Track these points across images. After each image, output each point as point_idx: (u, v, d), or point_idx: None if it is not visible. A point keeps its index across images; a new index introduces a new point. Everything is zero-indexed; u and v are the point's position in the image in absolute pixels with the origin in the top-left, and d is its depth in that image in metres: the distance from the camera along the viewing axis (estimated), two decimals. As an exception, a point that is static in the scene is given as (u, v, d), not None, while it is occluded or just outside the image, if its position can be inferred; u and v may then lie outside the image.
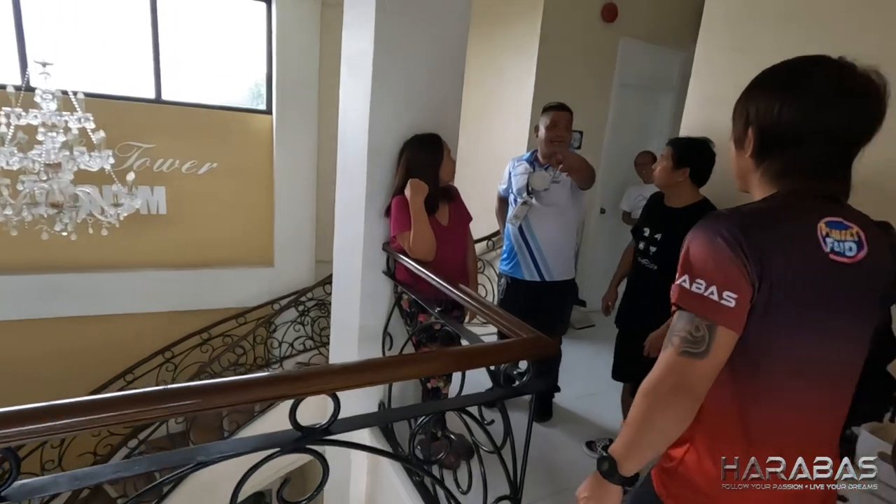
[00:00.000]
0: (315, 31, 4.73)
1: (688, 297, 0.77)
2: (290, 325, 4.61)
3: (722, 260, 0.74)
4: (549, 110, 2.27)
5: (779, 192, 0.82)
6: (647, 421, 0.79)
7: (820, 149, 0.78)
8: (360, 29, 2.00)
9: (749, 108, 0.83)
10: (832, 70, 0.76)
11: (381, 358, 0.94)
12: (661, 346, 0.86)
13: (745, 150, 0.85)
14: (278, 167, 4.87)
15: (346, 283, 2.34)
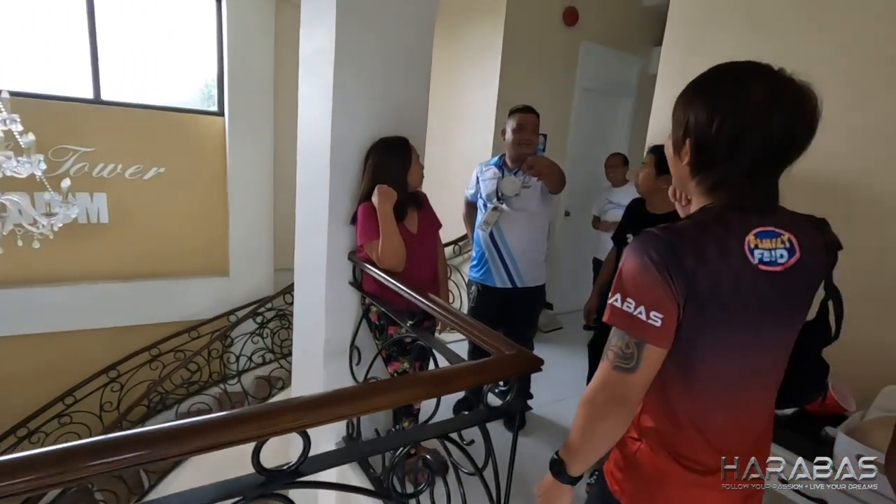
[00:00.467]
0: (269, 28, 4.53)
1: (618, 315, 0.79)
2: (248, 337, 4.39)
3: (649, 282, 0.76)
4: (516, 113, 2.23)
5: (712, 205, 0.82)
6: (588, 427, 0.84)
7: (754, 164, 0.78)
8: (319, 27, 1.88)
9: (688, 116, 0.81)
10: (771, 84, 0.76)
11: (355, 387, 0.85)
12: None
13: (682, 159, 0.84)
14: (232, 171, 4.63)
15: (308, 296, 2.21)
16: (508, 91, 3.55)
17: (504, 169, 2.29)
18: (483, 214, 2.31)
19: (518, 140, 2.19)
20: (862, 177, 1.60)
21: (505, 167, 2.30)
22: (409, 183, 1.79)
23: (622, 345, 0.79)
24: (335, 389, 0.86)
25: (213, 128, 4.62)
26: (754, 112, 0.74)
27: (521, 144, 2.19)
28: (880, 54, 1.56)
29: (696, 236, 0.77)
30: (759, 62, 0.78)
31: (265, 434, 0.77)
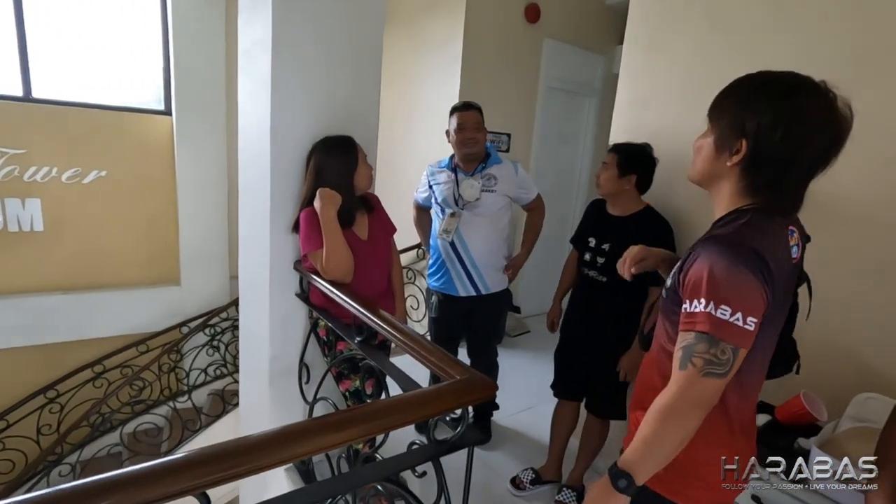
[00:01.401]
0: (219, 20, 4.26)
1: (714, 322, 0.79)
2: (201, 349, 4.13)
3: (747, 288, 0.79)
4: (456, 111, 2.12)
5: (755, 207, 0.86)
6: (667, 436, 0.83)
7: (803, 172, 0.83)
8: (256, 16, 1.72)
9: (746, 118, 0.83)
10: (825, 98, 0.80)
11: (259, 437, 0.70)
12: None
13: (730, 158, 0.86)
14: (181, 174, 4.36)
15: (253, 309, 2.03)
16: (470, 89, 3.43)
17: (458, 171, 2.16)
18: (441, 222, 2.17)
19: (461, 140, 2.07)
20: (829, 177, 1.55)
21: (458, 169, 2.16)
22: (356, 185, 1.64)
23: (716, 352, 0.80)
24: (231, 440, 0.71)
25: (159, 128, 4.33)
26: (815, 124, 0.79)
27: (464, 144, 2.07)
28: (842, 53, 1.51)
29: (767, 240, 0.83)
30: (807, 77, 0.82)
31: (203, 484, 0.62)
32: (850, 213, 1.52)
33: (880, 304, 1.47)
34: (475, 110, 2.10)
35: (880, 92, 1.45)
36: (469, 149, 2.08)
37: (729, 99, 0.87)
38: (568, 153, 4.26)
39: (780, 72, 0.84)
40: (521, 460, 2.23)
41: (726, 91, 0.89)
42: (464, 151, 2.09)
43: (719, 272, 0.79)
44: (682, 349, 0.83)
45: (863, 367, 1.49)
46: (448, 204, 2.15)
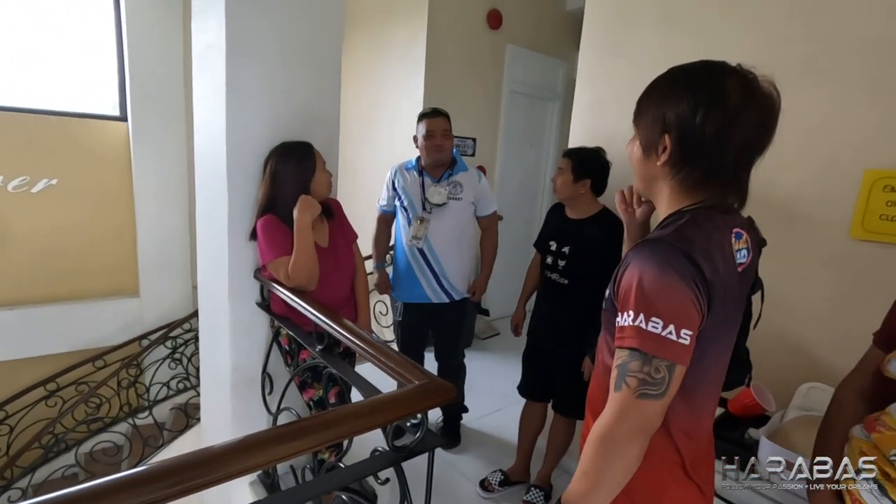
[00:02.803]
0: (176, 23, 4.15)
1: (645, 337, 0.72)
2: (162, 363, 3.99)
3: (678, 298, 0.72)
4: (424, 118, 2.12)
5: (697, 207, 0.80)
6: (608, 467, 0.76)
7: (736, 159, 0.78)
8: (209, 19, 1.68)
9: (665, 112, 0.78)
10: (743, 80, 0.76)
11: (211, 450, 0.68)
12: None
13: (658, 158, 0.81)
14: (139, 181, 4.21)
15: (213, 319, 1.98)
16: (434, 93, 3.45)
17: (425, 175, 2.17)
18: (409, 229, 2.16)
19: (430, 147, 2.09)
20: (776, 174, 1.62)
21: (426, 173, 2.17)
22: (314, 192, 1.62)
23: (650, 370, 0.72)
24: (187, 452, 0.69)
25: (114, 134, 4.18)
26: (734, 105, 0.74)
27: (433, 151, 2.09)
28: (793, 53, 1.58)
29: (704, 243, 0.75)
30: (721, 61, 0.78)
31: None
32: (794, 211, 1.60)
33: (822, 297, 1.55)
34: (443, 117, 2.12)
35: (824, 93, 1.53)
36: (437, 155, 2.09)
37: (646, 98, 0.84)
38: (533, 157, 4.33)
39: (692, 62, 0.81)
40: (490, 462, 2.24)
41: (644, 93, 0.85)
42: (432, 158, 2.10)
43: (648, 281, 0.72)
44: (616, 367, 0.76)
45: (807, 358, 1.56)
46: (414, 208, 2.14)
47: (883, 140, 1.42)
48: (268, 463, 0.74)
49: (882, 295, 1.45)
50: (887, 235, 1.38)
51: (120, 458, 3.88)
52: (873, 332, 1.07)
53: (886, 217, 1.38)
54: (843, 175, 1.48)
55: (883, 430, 0.89)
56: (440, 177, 2.14)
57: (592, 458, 0.77)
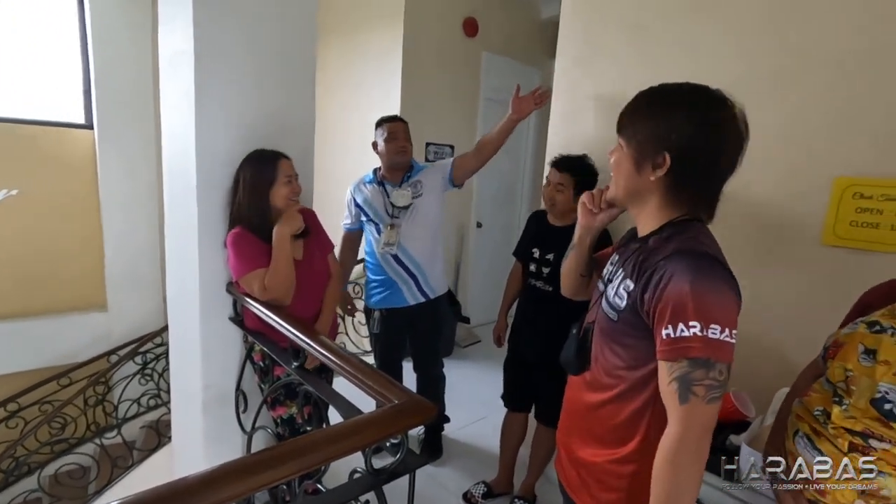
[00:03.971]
0: (144, 27, 4.03)
1: (709, 345, 0.75)
2: (132, 379, 3.84)
3: (727, 301, 0.78)
4: (385, 123, 2.14)
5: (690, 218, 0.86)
6: (688, 479, 0.78)
7: (722, 179, 0.85)
8: (177, 25, 1.62)
9: (667, 131, 0.82)
10: (733, 108, 0.83)
11: (169, 486, 0.63)
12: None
13: (652, 172, 0.84)
14: (105, 191, 4.07)
15: (183, 335, 1.91)
16: (411, 101, 3.43)
17: (385, 183, 2.15)
18: (381, 237, 2.13)
19: (394, 148, 2.08)
20: (749, 181, 1.65)
21: (385, 181, 2.15)
22: (273, 203, 1.57)
23: (715, 374, 0.76)
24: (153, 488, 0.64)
25: (79, 143, 4.03)
26: (728, 132, 0.82)
27: (397, 153, 2.09)
28: (763, 64, 1.61)
29: (721, 254, 0.84)
30: (715, 89, 0.84)
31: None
32: (767, 217, 1.62)
33: (796, 303, 1.57)
34: (401, 122, 2.15)
35: (793, 103, 1.56)
36: (401, 157, 2.10)
37: (641, 114, 0.86)
38: (510, 164, 4.34)
39: (683, 84, 0.85)
40: (473, 474, 2.21)
41: (635, 107, 0.88)
42: (396, 160, 2.10)
43: (703, 290, 0.76)
44: (676, 381, 0.76)
45: (784, 364, 1.58)
46: (381, 218, 2.12)
47: (851, 148, 1.45)
48: (243, 494, 0.69)
49: (853, 298, 1.48)
50: (858, 241, 1.41)
51: (87, 480, 3.70)
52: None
53: (857, 223, 1.41)
54: (814, 183, 1.51)
55: (812, 393, 1.03)
56: (401, 181, 2.13)
57: (671, 478, 0.77)
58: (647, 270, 0.82)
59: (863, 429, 0.90)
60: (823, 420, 0.97)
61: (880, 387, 0.89)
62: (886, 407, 0.87)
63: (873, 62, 1.41)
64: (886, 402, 0.88)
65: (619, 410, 0.89)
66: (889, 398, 0.87)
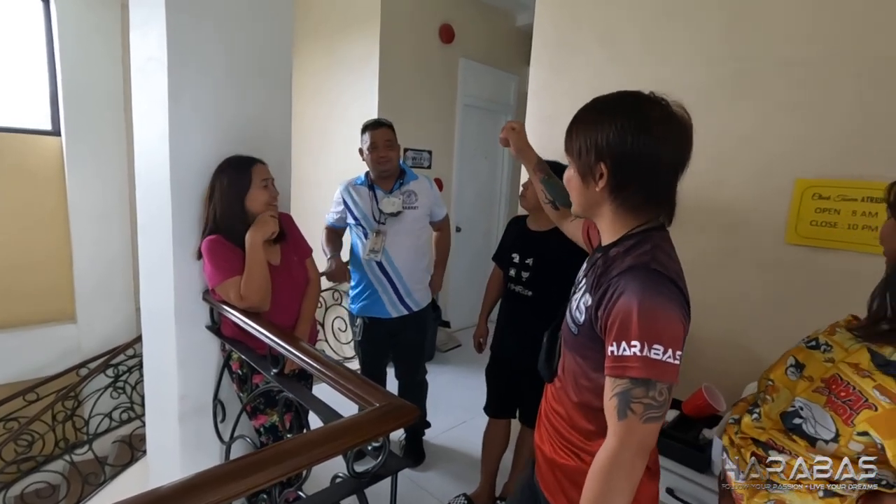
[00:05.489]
0: (114, 30, 3.94)
1: (649, 365, 0.75)
2: (103, 392, 3.72)
3: (673, 322, 0.77)
4: (367, 130, 2.10)
5: (646, 228, 0.85)
6: (616, 492, 0.79)
7: (666, 179, 0.84)
8: (150, 31, 1.60)
9: (598, 142, 0.83)
10: (659, 104, 0.83)
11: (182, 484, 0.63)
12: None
13: (596, 184, 0.85)
14: (74, 199, 3.96)
15: (158, 345, 1.87)
16: (389, 106, 3.44)
17: (376, 188, 2.14)
18: (367, 243, 2.12)
19: (374, 158, 2.06)
20: (714, 184, 1.71)
21: (376, 186, 2.14)
22: (249, 209, 1.56)
23: (654, 394, 0.76)
24: (127, 499, 0.64)
25: (46, 150, 3.91)
26: (658, 129, 0.80)
27: (378, 163, 2.07)
28: (723, 71, 1.68)
29: (676, 267, 0.83)
30: (637, 91, 0.85)
31: None
32: (734, 217, 1.68)
33: (762, 299, 1.64)
34: (386, 127, 2.10)
35: (752, 108, 1.63)
36: (382, 167, 2.07)
37: (575, 129, 0.88)
38: (488, 168, 4.39)
39: (614, 93, 0.87)
40: (455, 478, 2.21)
41: (572, 123, 0.90)
42: (378, 170, 2.08)
43: (648, 310, 0.76)
44: (617, 396, 0.78)
45: (751, 358, 1.64)
46: (368, 222, 2.11)
47: (811, 150, 1.52)
48: (221, 502, 0.69)
49: (815, 295, 1.55)
50: (818, 240, 1.48)
51: (56, 499, 3.57)
52: None
53: (817, 223, 1.48)
54: (777, 184, 1.58)
55: (740, 402, 1.04)
56: (391, 188, 2.12)
57: (600, 487, 0.79)
58: (603, 286, 0.83)
59: (767, 439, 0.91)
60: (736, 429, 0.99)
61: (796, 401, 0.90)
62: (795, 421, 0.88)
63: (828, 69, 1.49)
64: (797, 416, 0.88)
65: (587, 415, 0.91)
66: (801, 414, 0.88)
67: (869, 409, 0.81)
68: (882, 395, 0.80)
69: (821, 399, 0.87)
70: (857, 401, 0.82)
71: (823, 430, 0.85)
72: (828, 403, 0.86)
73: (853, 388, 0.83)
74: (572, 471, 0.94)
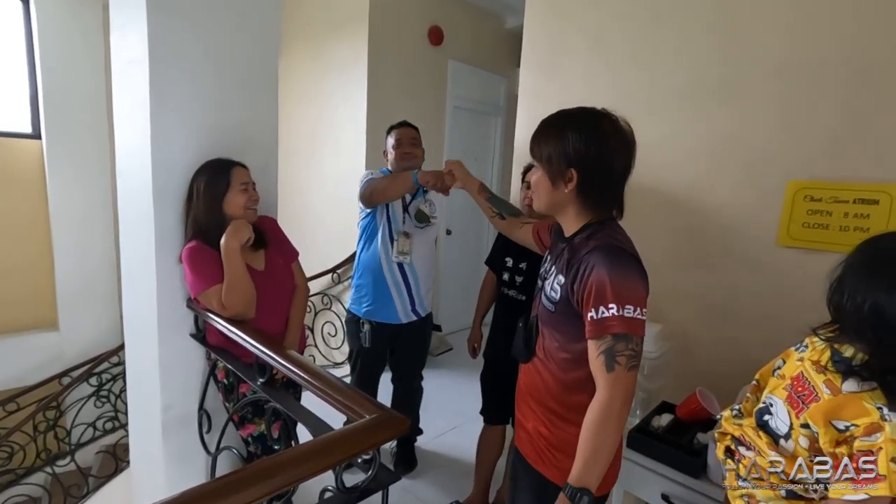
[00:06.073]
0: (96, 31, 3.86)
1: (626, 322, 0.91)
2: (86, 401, 3.64)
3: (639, 286, 0.94)
4: (392, 129, 2.10)
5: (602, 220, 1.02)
6: (609, 439, 0.93)
7: (618, 181, 1.01)
8: (130, 32, 1.56)
9: (567, 150, 0.97)
10: (611, 121, 0.99)
11: None
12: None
13: (565, 186, 1.00)
14: (56, 204, 3.87)
15: (141, 354, 1.81)
16: (378, 109, 3.41)
17: None
18: (394, 245, 2.04)
19: (399, 155, 2.04)
20: (705, 189, 1.71)
21: None
22: (226, 212, 1.51)
23: (633, 346, 0.92)
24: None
25: (26, 154, 3.82)
26: (614, 141, 0.97)
27: (402, 159, 2.04)
28: (710, 74, 1.68)
29: (631, 246, 1.01)
30: (593, 107, 1.01)
31: None
32: (727, 219, 1.68)
33: (755, 301, 1.63)
34: (412, 128, 2.11)
35: (739, 111, 1.63)
36: (408, 163, 2.03)
37: (544, 139, 1.01)
38: (479, 171, 4.37)
39: (573, 109, 1.02)
40: (447, 485, 2.18)
41: (540, 134, 1.03)
42: (403, 167, 2.03)
43: (618, 278, 0.91)
44: (603, 354, 0.92)
45: (746, 360, 1.62)
46: (398, 222, 2.04)
47: (802, 152, 1.52)
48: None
49: (807, 297, 1.54)
50: (810, 242, 1.48)
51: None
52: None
53: (808, 225, 1.48)
54: (769, 186, 1.58)
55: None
56: (416, 193, 2.08)
57: (595, 436, 0.92)
58: (574, 265, 0.98)
59: (740, 434, 0.97)
60: (720, 424, 1.06)
61: (767, 398, 0.94)
62: (764, 418, 0.94)
63: (815, 72, 1.49)
64: (767, 413, 0.93)
65: (567, 384, 1.04)
66: (770, 410, 0.93)
67: (816, 402, 0.86)
68: (827, 389, 0.85)
69: (784, 395, 0.92)
70: (809, 395, 0.87)
71: (782, 425, 0.90)
72: (788, 399, 0.91)
73: (808, 384, 0.89)
74: (555, 438, 1.07)
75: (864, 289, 0.82)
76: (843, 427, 0.80)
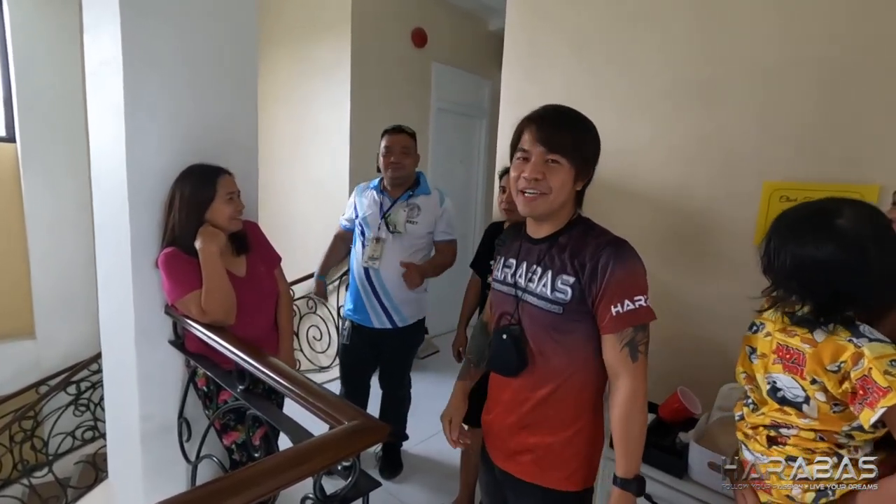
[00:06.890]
0: (72, 31, 3.79)
1: (644, 312, 0.95)
2: (64, 410, 3.55)
3: (645, 276, 0.99)
4: (385, 134, 2.07)
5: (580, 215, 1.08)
6: (642, 425, 0.98)
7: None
8: (103, 33, 1.53)
9: (597, 150, 1.04)
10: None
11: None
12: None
13: (580, 184, 1.03)
14: (31, 209, 3.78)
15: (118, 362, 1.78)
16: (361, 111, 3.39)
17: (385, 195, 2.08)
18: (365, 250, 2.05)
19: (387, 163, 2.02)
20: (683, 190, 1.72)
21: (385, 192, 2.09)
22: (210, 222, 1.48)
23: (647, 333, 0.97)
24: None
25: (0, 157, 3.73)
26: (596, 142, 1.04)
27: (390, 167, 2.02)
28: (692, 76, 1.70)
29: None
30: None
31: None
32: (707, 219, 1.70)
33: (734, 301, 1.64)
34: (405, 134, 2.06)
35: (720, 112, 1.65)
36: (394, 172, 2.02)
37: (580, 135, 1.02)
38: (463, 173, 4.37)
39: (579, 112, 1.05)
40: (434, 489, 2.17)
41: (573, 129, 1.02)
42: (389, 175, 2.03)
43: (639, 271, 0.97)
44: (627, 346, 0.95)
45: (726, 360, 1.64)
46: (369, 225, 2.05)
47: (777, 153, 1.55)
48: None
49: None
50: (786, 242, 1.50)
51: (13, 525, 3.39)
52: None
53: (784, 225, 1.50)
54: (746, 186, 1.60)
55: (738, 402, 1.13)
56: (399, 196, 2.06)
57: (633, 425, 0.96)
58: (587, 263, 0.98)
59: (770, 421, 0.99)
60: (746, 423, 1.06)
61: (767, 377, 0.98)
62: (779, 394, 0.96)
63: (791, 74, 1.51)
64: (777, 389, 0.96)
65: (569, 391, 1.04)
66: (778, 385, 0.96)
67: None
68: (804, 343, 0.92)
69: (779, 368, 0.96)
70: (798, 356, 0.92)
71: (798, 392, 0.93)
72: (785, 369, 0.95)
73: (790, 349, 0.94)
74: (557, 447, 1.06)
75: (782, 248, 0.93)
76: (836, 368, 0.87)
